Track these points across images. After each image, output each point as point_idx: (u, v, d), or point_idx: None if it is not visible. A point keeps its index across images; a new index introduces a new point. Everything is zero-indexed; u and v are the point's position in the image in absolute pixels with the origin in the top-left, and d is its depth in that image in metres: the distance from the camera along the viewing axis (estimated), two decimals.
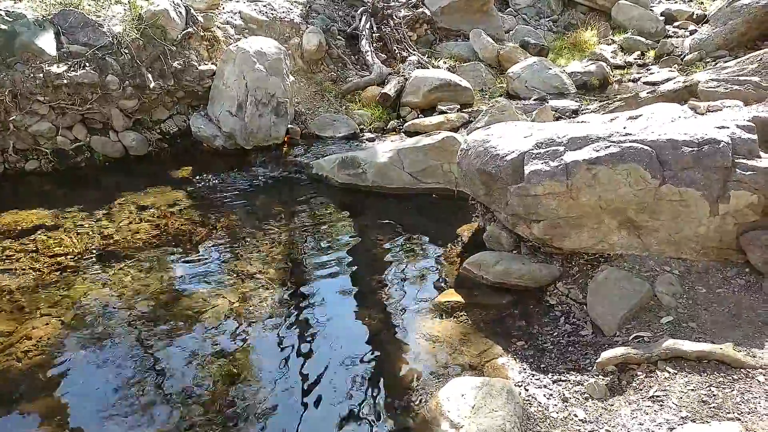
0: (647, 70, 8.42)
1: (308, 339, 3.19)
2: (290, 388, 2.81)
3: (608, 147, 3.21)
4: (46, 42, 5.27)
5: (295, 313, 3.43)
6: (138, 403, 2.71)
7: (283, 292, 3.61)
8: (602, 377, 2.60)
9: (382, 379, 2.87)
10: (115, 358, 3.00)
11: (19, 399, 2.73)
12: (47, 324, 3.22)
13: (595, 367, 2.67)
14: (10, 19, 5.22)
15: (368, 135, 6.30)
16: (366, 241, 4.31)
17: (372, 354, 3.07)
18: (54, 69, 5.14)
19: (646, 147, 3.17)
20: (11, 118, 5.02)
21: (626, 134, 3.30)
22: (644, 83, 7.71)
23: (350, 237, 4.38)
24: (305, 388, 2.82)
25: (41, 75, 5.08)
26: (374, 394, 2.77)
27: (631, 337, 2.84)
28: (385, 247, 4.17)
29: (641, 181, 3.11)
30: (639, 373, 2.57)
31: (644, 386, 2.50)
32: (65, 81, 5.15)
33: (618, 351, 2.66)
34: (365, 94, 6.96)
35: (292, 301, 3.55)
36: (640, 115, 3.73)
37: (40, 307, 3.36)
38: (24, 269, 3.72)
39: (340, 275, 3.87)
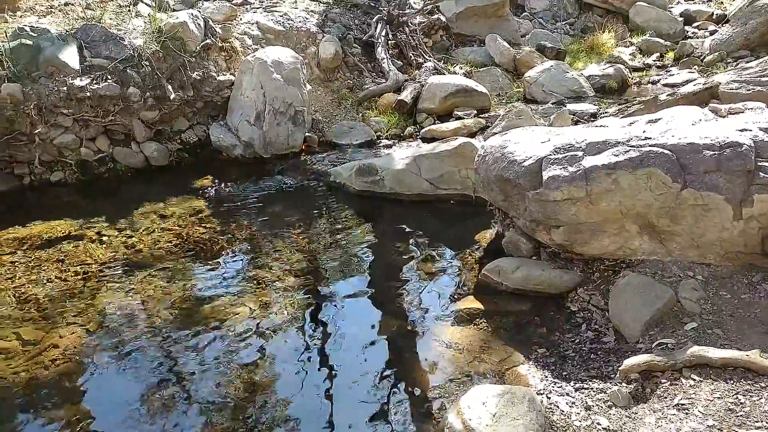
0: (666, 72, 8.32)
1: (328, 346, 3.21)
2: (311, 396, 2.83)
3: (628, 151, 3.18)
4: (70, 56, 5.39)
5: (315, 320, 3.45)
6: (161, 410, 2.75)
7: (302, 299, 3.64)
8: (625, 385, 2.57)
9: (402, 387, 2.87)
10: (139, 366, 3.04)
11: (47, 406, 2.79)
12: (73, 333, 3.28)
13: (618, 375, 2.64)
14: (35, 35, 5.35)
15: (385, 142, 6.33)
16: (384, 248, 4.32)
17: (392, 361, 3.07)
18: (77, 82, 5.25)
19: (666, 151, 3.14)
20: (36, 131, 5.13)
21: (646, 138, 3.27)
22: (664, 85, 7.63)
23: (368, 244, 4.40)
24: (326, 395, 2.83)
25: (65, 88, 5.20)
26: (394, 402, 2.78)
27: (655, 343, 2.80)
28: (404, 254, 4.18)
29: (662, 185, 3.08)
30: (663, 380, 2.54)
31: (669, 394, 2.46)
32: (88, 94, 5.26)
33: (641, 358, 2.62)
34: (382, 101, 6.99)
35: (312, 308, 3.57)
36: (659, 119, 3.69)
37: (66, 316, 3.43)
38: (50, 279, 3.80)
39: (358, 282, 3.89)
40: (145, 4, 6.67)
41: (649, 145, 3.18)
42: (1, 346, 3.17)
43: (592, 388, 2.63)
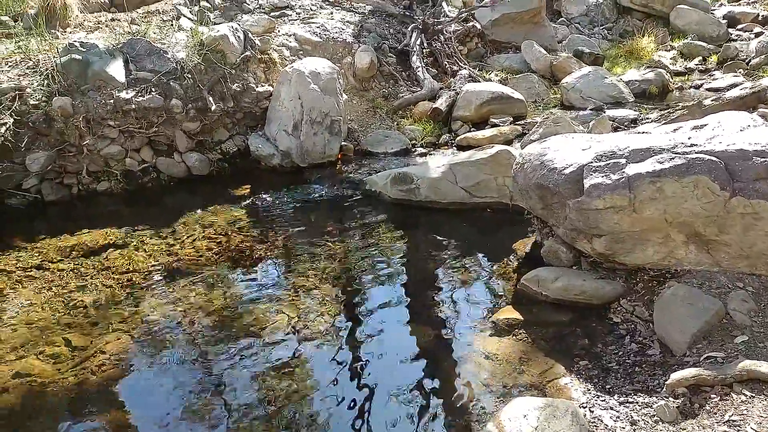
0: (710, 76, 8.08)
1: (364, 355, 3.22)
2: (347, 405, 2.83)
3: (673, 159, 3.10)
4: (116, 70, 5.59)
5: (351, 329, 3.46)
6: (201, 416, 2.80)
7: (339, 307, 3.66)
8: (673, 399, 2.49)
9: (439, 398, 2.85)
10: (181, 372, 3.11)
11: (93, 411, 2.87)
12: (119, 339, 3.38)
13: (664, 389, 2.56)
14: (84, 49, 5.57)
15: (420, 150, 6.32)
16: (420, 256, 4.31)
17: (428, 372, 3.06)
18: (123, 95, 5.44)
19: (713, 158, 3.05)
20: (85, 142, 5.33)
21: (691, 145, 3.18)
22: (707, 90, 7.41)
23: (404, 252, 4.40)
24: (362, 404, 2.83)
25: (112, 101, 5.38)
26: (431, 413, 2.76)
27: (703, 357, 2.71)
28: (440, 263, 4.16)
29: (709, 193, 2.99)
30: (713, 395, 2.45)
31: (719, 410, 2.37)
32: (133, 106, 5.43)
33: (689, 372, 2.54)
34: (416, 109, 6.99)
35: (348, 316, 3.58)
36: (705, 125, 3.58)
37: (112, 322, 3.53)
38: (97, 286, 3.93)
39: (394, 291, 3.89)
40: (187, 18, 6.87)
41: (696, 152, 3.10)
42: (52, 351, 3.28)
43: (637, 402, 2.56)
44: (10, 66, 5.52)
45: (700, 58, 8.80)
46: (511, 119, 6.63)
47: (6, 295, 3.85)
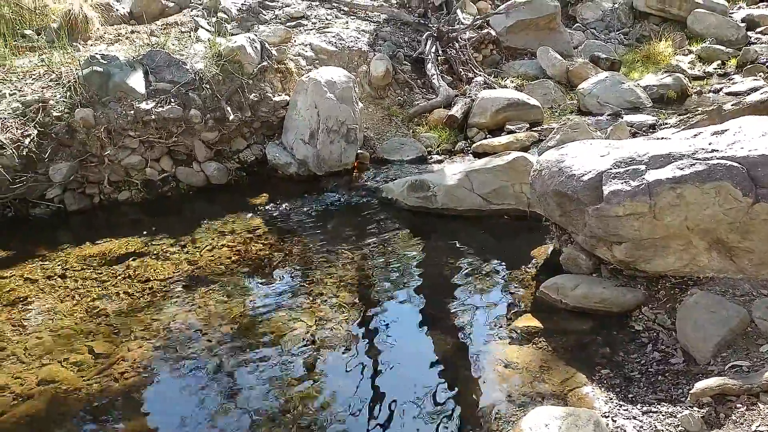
0: (729, 80, 7.99)
1: (383, 364, 3.22)
2: (366, 414, 2.84)
3: (693, 165, 3.08)
4: (136, 81, 5.68)
5: (370, 337, 3.47)
6: (221, 424, 2.83)
7: (357, 315, 3.67)
8: (697, 409, 2.45)
9: (458, 407, 2.84)
10: (201, 380, 3.14)
11: (117, 417, 2.92)
12: (140, 346, 3.42)
13: (689, 398, 2.52)
14: (105, 62, 5.67)
15: (436, 157, 6.32)
16: (437, 264, 4.31)
17: (447, 380, 3.05)
18: (143, 106, 5.52)
19: (735, 164, 3.01)
20: (106, 153, 5.42)
21: (712, 150, 3.16)
22: (727, 94, 7.32)
23: (421, 260, 4.39)
24: (381, 413, 2.84)
25: (132, 112, 5.47)
26: (450, 422, 2.75)
27: (728, 366, 2.67)
28: (457, 271, 4.15)
29: (732, 199, 2.95)
30: (738, 405, 2.41)
31: (745, 420, 2.33)
32: (153, 116, 5.52)
33: (714, 381, 2.50)
34: (432, 116, 7.00)
35: (366, 324, 3.59)
36: (726, 130, 3.54)
37: (134, 330, 3.57)
38: (118, 294, 3.98)
39: (412, 299, 3.89)
40: (205, 29, 6.97)
41: (717, 158, 3.07)
42: (75, 358, 3.33)
43: (660, 412, 2.53)
44: (33, 78, 5.64)
45: (719, 62, 8.70)
46: (528, 126, 6.62)
47: (30, 302, 3.92)
